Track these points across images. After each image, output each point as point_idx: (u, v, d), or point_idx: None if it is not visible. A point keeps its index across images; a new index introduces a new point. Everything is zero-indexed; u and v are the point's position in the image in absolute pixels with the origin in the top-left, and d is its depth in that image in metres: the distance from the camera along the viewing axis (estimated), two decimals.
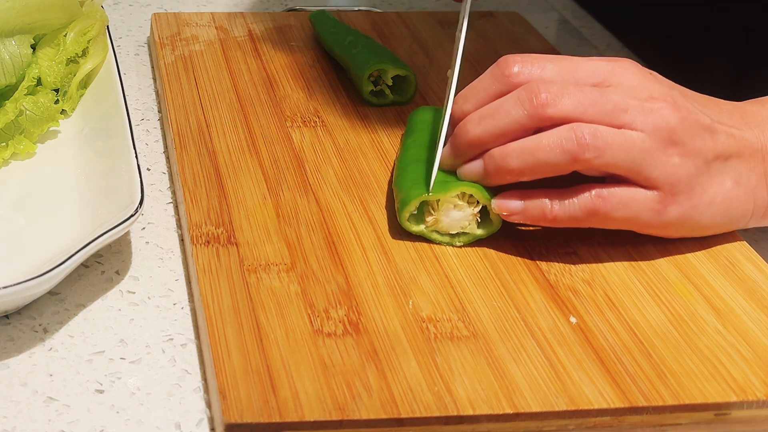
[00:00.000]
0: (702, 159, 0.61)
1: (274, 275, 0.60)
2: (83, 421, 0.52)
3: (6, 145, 0.70)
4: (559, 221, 0.61)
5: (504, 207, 0.61)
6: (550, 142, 0.59)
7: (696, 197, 0.61)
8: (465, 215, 0.62)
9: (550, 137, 0.59)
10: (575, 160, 0.59)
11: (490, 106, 0.62)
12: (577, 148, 0.59)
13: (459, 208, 0.62)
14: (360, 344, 0.55)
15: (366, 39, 0.83)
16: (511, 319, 0.58)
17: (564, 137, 0.59)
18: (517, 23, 0.95)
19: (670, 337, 0.58)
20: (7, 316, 0.58)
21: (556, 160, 0.59)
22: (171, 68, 0.81)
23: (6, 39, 0.71)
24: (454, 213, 0.62)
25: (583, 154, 0.59)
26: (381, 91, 0.79)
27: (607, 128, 0.59)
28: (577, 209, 0.60)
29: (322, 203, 0.67)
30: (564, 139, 0.59)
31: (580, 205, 0.60)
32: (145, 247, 0.65)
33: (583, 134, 0.59)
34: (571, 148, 0.59)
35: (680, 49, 0.92)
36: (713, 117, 0.62)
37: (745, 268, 0.63)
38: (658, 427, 0.54)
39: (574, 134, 0.59)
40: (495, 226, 0.63)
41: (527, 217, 0.61)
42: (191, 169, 0.69)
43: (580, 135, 0.59)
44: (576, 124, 0.59)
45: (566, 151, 0.59)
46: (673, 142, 0.60)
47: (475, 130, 0.61)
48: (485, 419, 0.52)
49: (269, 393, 0.51)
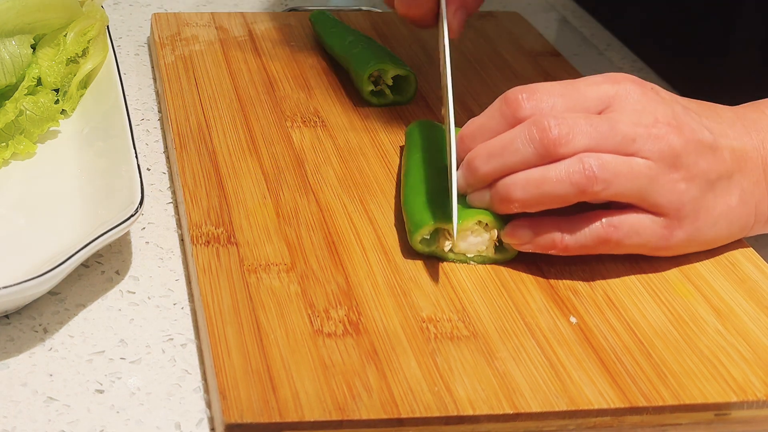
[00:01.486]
0: (705, 180, 0.61)
1: (274, 275, 0.60)
2: (83, 421, 0.52)
3: (6, 145, 0.70)
4: (570, 250, 0.61)
5: (514, 236, 0.61)
6: (557, 175, 0.59)
7: (701, 220, 0.61)
8: (483, 240, 0.62)
9: (557, 170, 0.59)
10: (583, 193, 0.59)
11: (500, 142, 0.60)
12: (585, 181, 0.58)
13: (477, 234, 0.62)
14: (360, 344, 0.55)
15: (366, 39, 0.83)
16: (511, 319, 0.58)
17: (572, 170, 0.58)
18: (517, 23, 0.95)
19: (670, 337, 0.58)
20: (7, 316, 0.58)
21: (564, 193, 0.59)
22: (171, 68, 0.81)
23: (6, 39, 0.71)
24: (471, 238, 0.62)
25: (592, 187, 0.58)
26: (381, 91, 0.79)
27: (613, 157, 0.59)
28: (588, 239, 0.60)
29: (322, 203, 0.67)
30: (572, 173, 0.58)
31: (592, 235, 0.60)
32: (145, 247, 0.65)
33: (591, 167, 0.58)
34: (579, 180, 0.58)
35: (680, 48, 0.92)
36: (715, 130, 0.62)
37: (746, 269, 0.64)
38: (658, 427, 0.54)
39: (582, 167, 0.58)
40: (512, 252, 0.62)
41: (537, 246, 0.61)
42: (191, 169, 0.69)
43: (588, 167, 0.58)
44: (583, 156, 0.58)
45: (574, 184, 0.58)
46: (678, 167, 0.60)
47: (484, 167, 0.61)
48: (485, 419, 0.52)
49: (269, 393, 0.51)
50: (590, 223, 0.60)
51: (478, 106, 0.80)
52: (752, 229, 0.65)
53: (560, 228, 0.60)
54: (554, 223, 0.60)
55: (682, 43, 0.92)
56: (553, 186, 0.59)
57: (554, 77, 0.85)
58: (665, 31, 0.94)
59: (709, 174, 0.61)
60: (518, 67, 0.87)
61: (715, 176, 0.61)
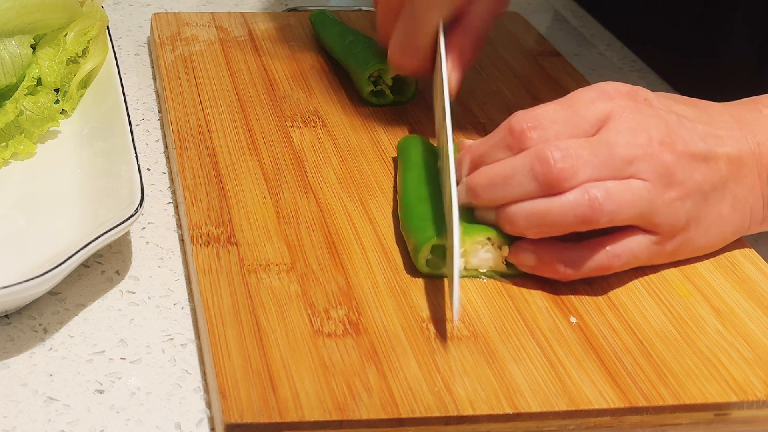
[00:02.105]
0: (699, 193, 0.61)
1: (274, 275, 0.60)
2: (83, 421, 0.52)
3: (6, 145, 0.70)
4: (570, 278, 0.60)
5: (517, 259, 0.61)
6: (562, 208, 0.58)
7: (692, 230, 0.61)
8: (494, 257, 0.61)
9: (562, 203, 0.58)
10: (589, 224, 0.58)
11: (502, 172, 0.60)
12: (591, 213, 0.58)
13: (488, 250, 0.61)
14: (360, 344, 0.55)
15: (366, 39, 0.83)
16: (511, 319, 0.58)
17: (578, 203, 0.58)
18: (517, 23, 0.95)
19: (670, 337, 0.58)
20: (7, 316, 0.58)
21: (568, 223, 0.59)
22: (171, 68, 0.81)
23: (6, 39, 0.71)
24: (482, 254, 0.61)
25: (598, 220, 0.58)
26: (381, 91, 0.79)
27: (615, 185, 0.59)
28: (591, 269, 0.60)
29: (322, 203, 0.67)
30: (578, 205, 0.58)
31: (594, 265, 0.60)
32: (145, 247, 0.65)
33: (596, 198, 0.58)
34: (585, 212, 0.58)
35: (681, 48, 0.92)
36: (709, 138, 0.62)
37: (746, 269, 0.64)
38: (658, 427, 0.54)
39: (588, 198, 0.58)
40: None
41: (540, 271, 0.61)
42: (191, 169, 0.69)
43: (594, 199, 0.58)
44: (588, 187, 0.58)
45: (579, 216, 0.58)
46: (673, 184, 0.60)
47: (485, 195, 0.61)
48: (485, 419, 0.52)
49: (269, 393, 0.51)
50: (593, 254, 0.60)
51: (477, 106, 0.80)
52: (748, 230, 0.65)
53: (563, 258, 0.60)
54: (558, 251, 0.60)
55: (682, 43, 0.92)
56: (558, 218, 0.58)
57: (554, 77, 0.85)
58: (665, 31, 0.94)
59: (703, 186, 0.61)
60: (518, 67, 0.87)
61: (709, 187, 0.61)
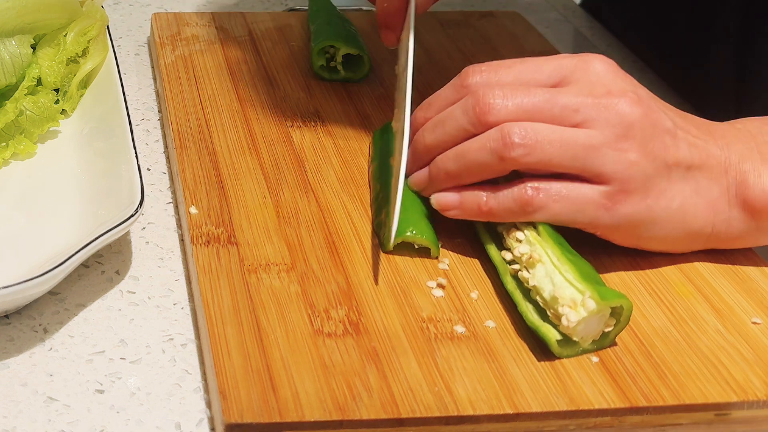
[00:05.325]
0: (661, 161, 0.59)
1: (275, 275, 0.60)
2: (83, 421, 0.52)
3: (6, 145, 0.70)
4: (494, 214, 0.60)
5: (441, 201, 0.61)
6: (479, 144, 0.60)
7: (651, 198, 0.60)
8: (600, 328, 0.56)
9: (480, 139, 0.60)
10: (502, 159, 0.59)
11: (443, 113, 0.62)
12: (502, 147, 0.59)
13: (602, 320, 0.56)
14: (360, 344, 0.55)
15: (340, 19, 0.84)
16: (511, 318, 0.58)
17: (491, 137, 0.59)
18: (517, 23, 0.95)
19: (670, 337, 0.58)
20: (7, 316, 0.58)
21: (485, 160, 0.59)
22: (171, 68, 0.81)
23: (6, 39, 0.71)
24: (594, 323, 0.56)
25: (509, 153, 0.58)
26: (334, 68, 0.81)
27: (541, 125, 0.59)
28: (511, 201, 0.59)
29: (322, 203, 0.67)
30: (491, 140, 0.59)
31: (514, 197, 0.59)
32: (145, 247, 0.65)
33: (509, 133, 0.58)
34: (497, 147, 0.59)
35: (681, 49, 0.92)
36: (678, 123, 0.61)
37: (746, 269, 0.64)
38: (658, 427, 0.54)
39: (501, 134, 0.59)
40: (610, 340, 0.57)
41: (464, 210, 0.61)
42: (191, 169, 0.69)
43: (506, 134, 0.58)
44: (505, 124, 0.59)
45: (492, 151, 0.59)
46: (629, 138, 0.59)
47: (429, 137, 0.62)
48: (485, 419, 0.52)
49: (269, 393, 0.51)
50: (515, 186, 0.60)
51: None
52: (711, 236, 0.62)
53: (485, 190, 0.60)
54: (480, 186, 0.61)
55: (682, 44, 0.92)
56: (475, 154, 0.60)
57: None
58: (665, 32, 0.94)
59: (666, 156, 0.60)
60: None
61: (672, 160, 0.60)
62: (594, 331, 0.55)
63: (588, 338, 0.55)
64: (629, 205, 0.59)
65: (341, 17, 0.86)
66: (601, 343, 0.56)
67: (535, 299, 0.57)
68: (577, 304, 0.54)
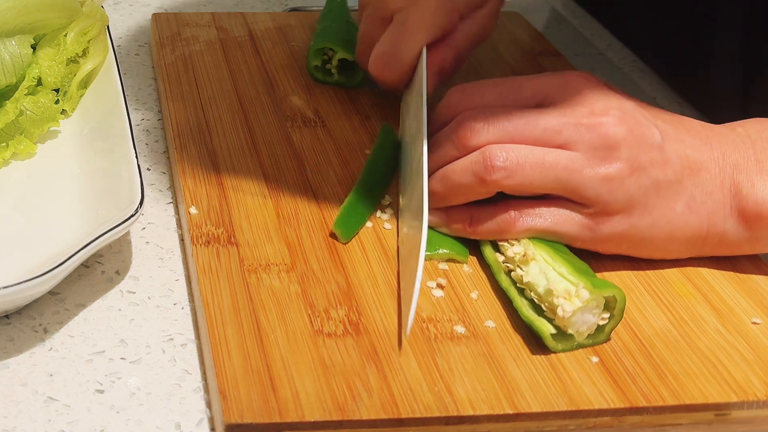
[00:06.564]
0: (648, 178, 0.59)
1: (275, 275, 0.60)
2: (83, 421, 0.52)
3: (6, 145, 0.70)
4: (479, 234, 0.61)
5: (431, 221, 0.62)
6: (462, 166, 0.60)
7: (635, 216, 0.60)
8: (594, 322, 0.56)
9: (463, 161, 0.61)
10: (484, 182, 0.59)
11: (431, 140, 0.63)
12: (483, 170, 0.59)
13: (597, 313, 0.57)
14: (360, 344, 0.55)
15: (346, 22, 0.84)
16: (511, 318, 0.58)
17: (473, 160, 0.60)
18: (517, 23, 0.95)
19: (670, 337, 0.58)
20: (7, 316, 0.58)
21: (468, 182, 0.60)
22: (171, 68, 0.81)
23: (6, 39, 0.71)
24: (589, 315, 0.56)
25: (490, 176, 0.59)
26: (329, 70, 0.81)
27: (523, 148, 0.59)
28: (494, 223, 0.61)
29: (322, 203, 0.67)
30: (473, 162, 0.60)
31: (498, 220, 0.61)
32: (145, 247, 0.65)
33: (491, 156, 0.59)
34: (478, 170, 0.59)
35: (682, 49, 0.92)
36: (668, 133, 0.60)
37: (746, 269, 0.64)
38: (658, 427, 0.54)
39: (482, 156, 0.59)
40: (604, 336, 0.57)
41: (451, 230, 0.62)
42: (191, 169, 0.69)
43: (488, 157, 0.59)
44: (488, 147, 0.59)
45: (474, 173, 0.60)
46: (612, 159, 0.59)
47: None
48: (485, 419, 0.52)
49: (269, 393, 0.51)
50: (498, 210, 0.61)
51: None
52: (705, 245, 0.62)
53: (469, 212, 0.61)
54: (466, 208, 0.62)
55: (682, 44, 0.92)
56: (459, 176, 0.60)
57: None
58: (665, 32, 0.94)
59: (653, 172, 0.59)
60: (518, 67, 0.87)
61: (661, 176, 0.59)
62: (589, 325, 0.56)
63: (583, 332, 0.56)
64: (611, 225, 0.60)
65: (350, 21, 0.85)
66: (596, 338, 0.56)
67: (530, 296, 0.57)
68: (571, 295, 0.55)
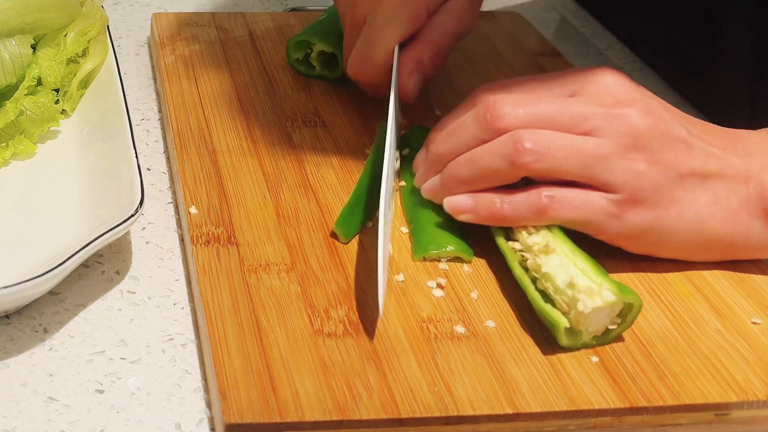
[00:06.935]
0: (674, 171, 0.59)
1: (275, 275, 0.60)
2: (83, 421, 0.52)
3: (6, 145, 0.70)
4: (507, 219, 0.60)
5: (453, 204, 0.61)
6: (490, 150, 0.60)
7: (661, 208, 0.59)
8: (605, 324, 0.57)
9: (492, 144, 0.60)
10: (514, 165, 0.59)
11: (454, 123, 0.63)
12: (513, 152, 0.59)
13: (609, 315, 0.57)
14: (360, 344, 0.55)
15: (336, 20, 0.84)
16: (511, 318, 0.58)
17: (503, 143, 0.59)
18: (517, 23, 0.95)
19: (670, 337, 0.58)
20: (7, 316, 0.58)
21: (497, 166, 0.59)
22: (171, 68, 0.81)
23: (6, 39, 0.71)
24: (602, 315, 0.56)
25: (521, 159, 0.58)
26: (310, 63, 0.82)
27: (552, 133, 0.59)
28: (525, 207, 0.59)
29: (322, 203, 0.67)
30: (503, 145, 0.59)
31: (529, 204, 0.59)
32: (145, 247, 0.65)
33: (521, 139, 0.59)
34: (509, 152, 0.59)
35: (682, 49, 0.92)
36: (694, 133, 0.61)
37: (746, 269, 0.63)
38: (658, 427, 0.54)
39: (512, 139, 0.59)
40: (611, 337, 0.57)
41: (477, 214, 0.61)
42: (191, 169, 0.69)
43: (518, 140, 0.59)
44: (517, 130, 0.59)
45: (504, 156, 0.59)
46: (638, 148, 0.59)
47: (442, 146, 0.63)
48: (485, 419, 0.52)
49: (269, 393, 0.51)
50: (529, 193, 0.60)
51: None
52: (729, 248, 0.62)
53: (500, 196, 0.60)
54: (494, 192, 0.61)
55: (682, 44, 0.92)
56: (487, 160, 0.60)
57: None
58: (665, 32, 0.94)
59: (679, 166, 0.59)
60: (518, 67, 0.87)
61: (686, 170, 0.59)
62: (599, 326, 0.56)
63: (591, 332, 0.56)
64: (637, 214, 0.59)
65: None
66: (602, 340, 0.56)
67: (543, 288, 0.57)
68: (593, 294, 0.54)
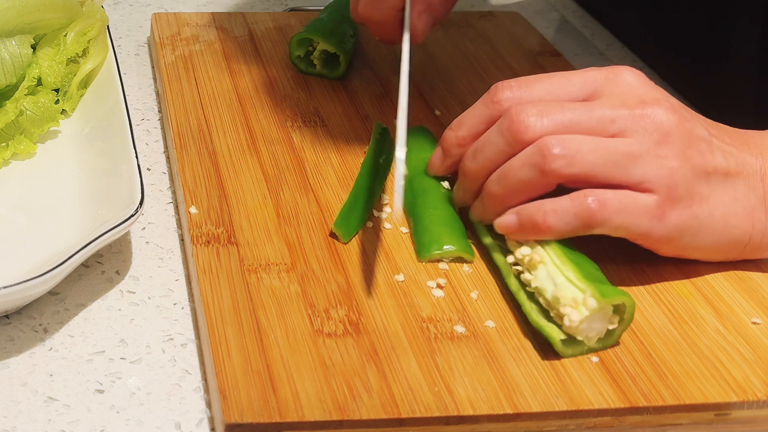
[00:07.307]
0: (700, 168, 0.59)
1: (275, 275, 0.60)
2: (83, 421, 0.52)
3: (6, 145, 0.70)
4: (554, 231, 0.58)
5: (501, 226, 0.60)
6: (519, 161, 0.59)
7: (696, 205, 0.59)
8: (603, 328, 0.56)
9: (520, 156, 0.59)
10: (544, 173, 0.58)
11: (480, 139, 0.62)
12: (542, 160, 0.58)
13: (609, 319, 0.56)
14: (360, 344, 0.55)
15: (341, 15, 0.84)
16: (511, 318, 0.58)
17: (530, 153, 0.58)
18: (517, 23, 0.95)
19: (670, 337, 0.58)
20: (7, 316, 0.58)
21: (528, 177, 0.58)
22: (171, 68, 0.81)
23: (6, 39, 0.71)
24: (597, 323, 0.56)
25: (550, 165, 0.57)
26: (312, 61, 0.82)
27: (582, 137, 0.58)
28: (572, 215, 0.58)
29: (322, 203, 0.67)
30: (530, 155, 0.58)
31: (576, 211, 0.57)
32: (145, 247, 0.65)
33: (548, 145, 0.58)
34: (537, 161, 0.58)
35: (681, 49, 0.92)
36: (711, 132, 0.61)
37: (746, 269, 0.63)
38: (658, 427, 0.54)
39: (539, 147, 0.58)
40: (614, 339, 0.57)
41: (523, 230, 0.59)
42: (191, 169, 0.69)
43: (545, 147, 0.58)
44: (543, 138, 0.58)
45: (533, 165, 0.58)
46: (668, 145, 0.58)
47: (471, 165, 0.62)
48: (485, 419, 0.52)
49: (269, 393, 0.51)
50: (575, 200, 0.58)
51: None
52: (748, 245, 0.62)
53: (543, 209, 0.58)
54: (537, 205, 0.59)
55: (683, 44, 0.92)
56: (517, 172, 0.59)
57: None
58: (665, 32, 0.94)
59: (704, 163, 0.59)
60: (518, 67, 0.87)
61: (710, 167, 0.59)
62: (598, 330, 0.55)
63: (593, 337, 0.55)
64: (677, 212, 0.59)
65: (347, 17, 0.85)
66: (606, 342, 0.56)
67: (538, 300, 0.57)
68: (578, 304, 0.54)
